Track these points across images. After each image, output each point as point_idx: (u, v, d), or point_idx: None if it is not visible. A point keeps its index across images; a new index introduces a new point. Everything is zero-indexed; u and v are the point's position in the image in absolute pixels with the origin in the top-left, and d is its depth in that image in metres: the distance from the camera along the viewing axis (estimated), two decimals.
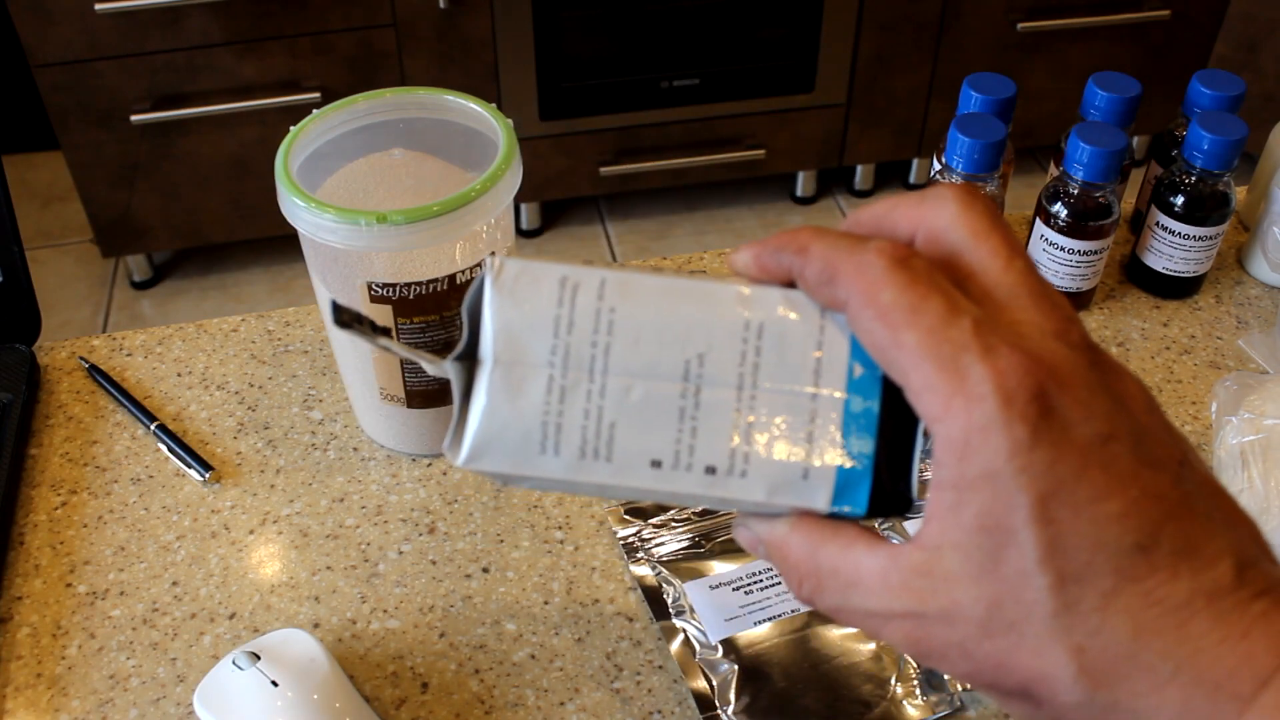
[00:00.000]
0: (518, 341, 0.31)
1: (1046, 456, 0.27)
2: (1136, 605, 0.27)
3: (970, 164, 0.69)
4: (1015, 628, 0.27)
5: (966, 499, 0.27)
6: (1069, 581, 0.27)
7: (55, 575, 0.60)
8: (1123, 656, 0.27)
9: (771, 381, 0.30)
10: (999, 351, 0.27)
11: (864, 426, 0.30)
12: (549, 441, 0.30)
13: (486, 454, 0.31)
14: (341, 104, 0.61)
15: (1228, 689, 0.26)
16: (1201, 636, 0.27)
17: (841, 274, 0.29)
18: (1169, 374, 0.73)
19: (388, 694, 0.55)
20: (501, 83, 1.84)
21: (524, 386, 0.30)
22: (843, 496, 0.31)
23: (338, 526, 0.63)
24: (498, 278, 0.31)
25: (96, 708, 0.54)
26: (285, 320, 0.76)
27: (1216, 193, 0.73)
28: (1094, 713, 0.28)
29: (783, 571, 0.32)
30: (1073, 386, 0.27)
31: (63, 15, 1.63)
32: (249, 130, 1.79)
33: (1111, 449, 0.27)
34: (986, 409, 0.27)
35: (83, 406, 0.70)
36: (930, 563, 0.28)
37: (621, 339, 0.31)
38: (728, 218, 2.16)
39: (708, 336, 0.31)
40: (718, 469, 0.30)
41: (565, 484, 0.31)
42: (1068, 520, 0.27)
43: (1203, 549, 0.27)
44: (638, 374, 0.30)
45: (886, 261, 0.29)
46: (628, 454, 0.30)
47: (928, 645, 0.29)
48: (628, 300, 0.31)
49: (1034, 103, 1.99)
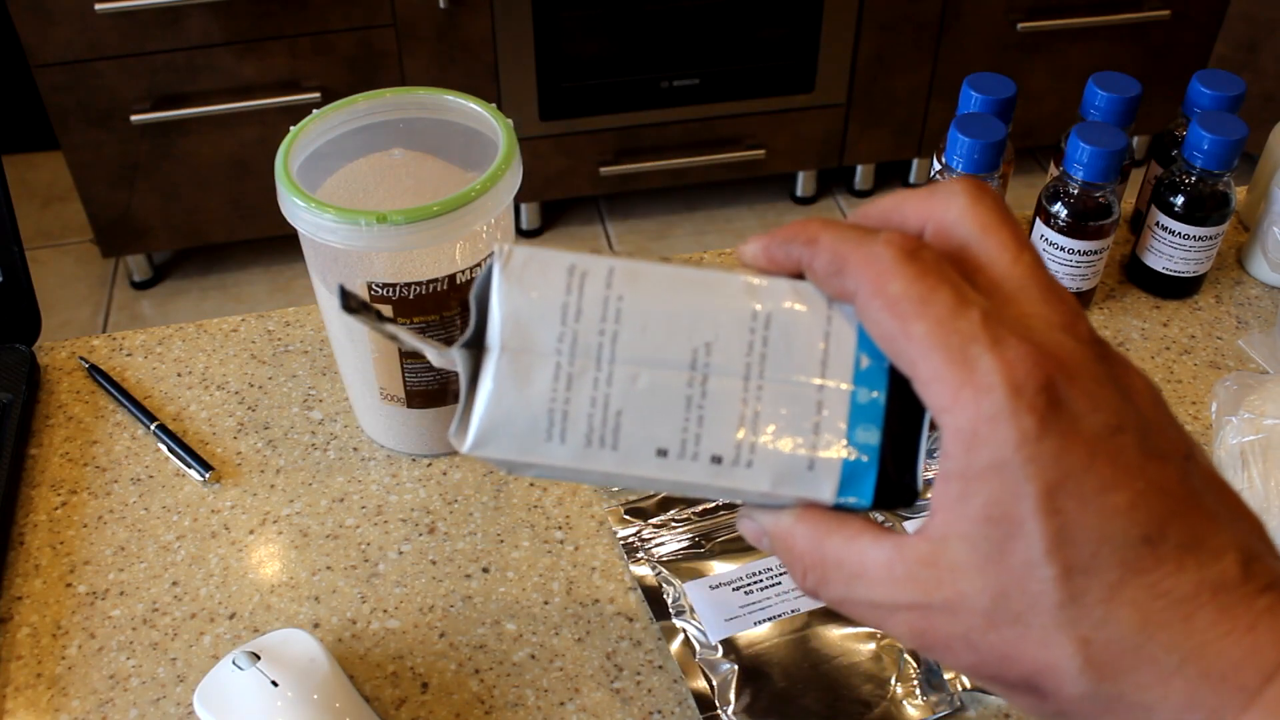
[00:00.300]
0: (525, 329, 0.30)
1: (1054, 447, 0.27)
2: (1142, 598, 0.27)
3: (970, 164, 0.69)
4: (1021, 619, 0.27)
5: (973, 489, 0.27)
6: (1075, 572, 0.27)
7: (55, 575, 0.60)
8: (1128, 648, 0.27)
9: (778, 372, 0.30)
10: (1008, 343, 0.27)
11: (870, 418, 0.30)
12: (555, 429, 0.30)
13: (492, 440, 0.31)
14: (341, 104, 0.61)
15: (1233, 682, 0.26)
16: (1207, 629, 0.26)
17: (850, 264, 0.29)
18: (1169, 374, 0.73)
19: (388, 694, 0.55)
20: (501, 83, 1.84)
21: (531, 373, 0.30)
22: (848, 488, 0.31)
23: (338, 526, 0.63)
24: (506, 265, 0.31)
25: (96, 708, 0.54)
26: (285, 320, 0.76)
27: (1216, 193, 0.73)
28: (1099, 705, 0.27)
29: (787, 563, 0.32)
30: (1080, 379, 0.27)
31: (63, 15, 1.63)
32: (249, 130, 1.79)
33: (1119, 441, 0.27)
34: (995, 399, 0.27)
35: (83, 406, 0.70)
36: (936, 554, 0.28)
37: (629, 327, 0.30)
38: (728, 218, 2.16)
39: (715, 326, 0.31)
40: (724, 458, 0.30)
41: (571, 472, 0.31)
42: (1074, 511, 0.27)
43: (1208, 543, 0.27)
44: (645, 362, 0.30)
45: (895, 252, 0.29)
46: (634, 442, 0.30)
47: (932, 637, 0.29)
48: (636, 289, 0.31)
49: (1034, 103, 1.99)
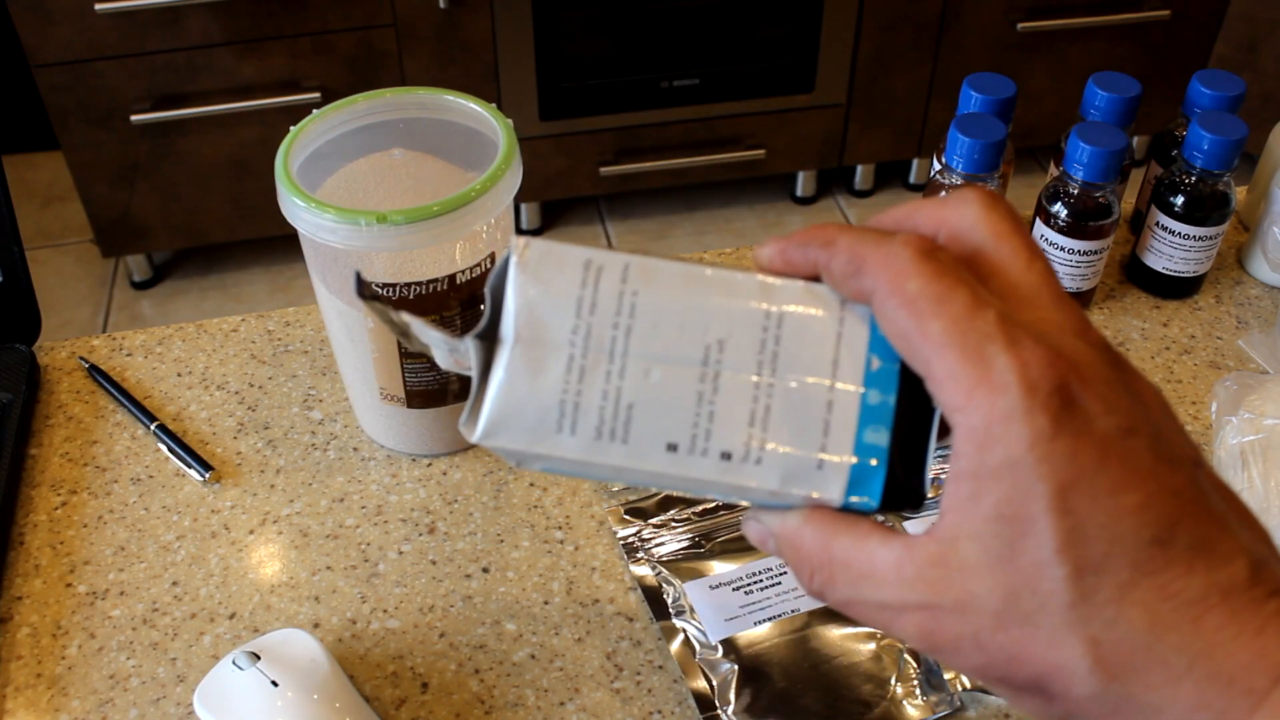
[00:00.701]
0: (539, 321, 0.31)
1: (1067, 447, 0.27)
2: (1152, 599, 0.27)
3: (970, 164, 0.69)
4: (1031, 619, 0.27)
5: (985, 488, 0.27)
6: (1086, 572, 0.27)
7: (55, 575, 0.60)
8: (1138, 648, 0.27)
9: (790, 371, 0.31)
10: (1023, 343, 0.27)
11: (880, 420, 0.30)
12: (566, 420, 0.30)
13: (503, 430, 0.31)
14: (341, 104, 0.61)
15: (1242, 684, 0.26)
16: (1216, 631, 0.27)
17: (868, 264, 0.30)
18: (1169, 374, 0.73)
19: (388, 694, 0.55)
20: (501, 83, 1.84)
21: (544, 365, 0.30)
22: (856, 488, 0.31)
23: (338, 526, 0.63)
24: (522, 257, 0.31)
25: (96, 708, 0.54)
26: (285, 320, 0.76)
27: (1216, 193, 0.73)
28: (1107, 706, 0.27)
29: (794, 564, 0.32)
30: (1094, 382, 0.28)
31: (63, 15, 1.63)
32: (249, 130, 1.79)
33: (1131, 443, 0.27)
34: (1010, 399, 0.27)
35: (83, 406, 0.70)
36: (946, 554, 0.28)
37: (642, 322, 0.31)
38: (728, 218, 2.16)
39: (728, 324, 0.31)
40: (733, 455, 0.30)
41: (580, 465, 0.31)
42: (1086, 511, 0.27)
43: (1218, 547, 0.27)
44: (657, 357, 0.30)
45: (913, 252, 0.29)
46: (644, 436, 0.30)
47: (941, 638, 0.29)
48: (650, 285, 0.31)
49: (1034, 103, 1.99)
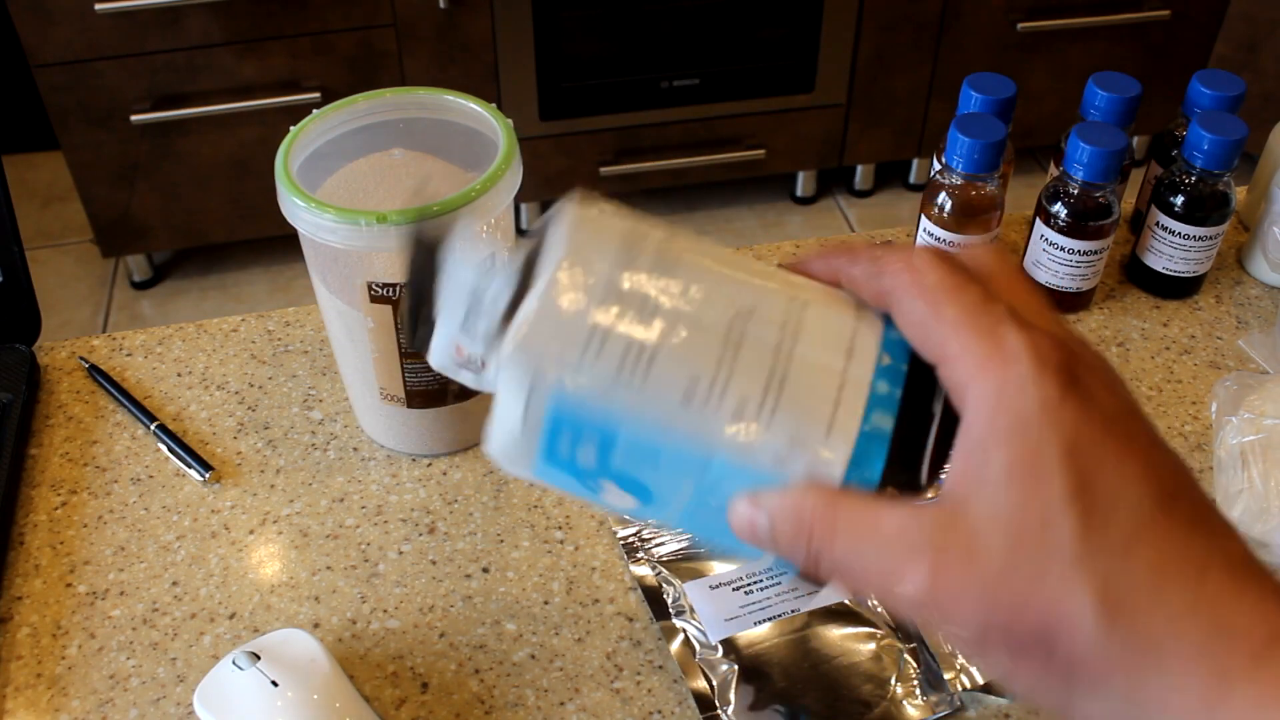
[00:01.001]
0: (584, 262, 0.32)
1: (1074, 414, 0.28)
2: (1157, 553, 0.28)
3: (970, 164, 0.69)
4: (1039, 563, 0.28)
5: (995, 451, 0.29)
6: (1095, 521, 0.28)
7: (55, 575, 0.60)
8: (1143, 590, 0.27)
9: (808, 349, 0.32)
10: (1033, 329, 0.30)
11: (887, 407, 0.32)
12: (593, 345, 0.32)
13: (533, 341, 0.32)
14: (341, 104, 0.61)
15: (1243, 637, 0.27)
16: (1219, 587, 0.27)
17: (889, 265, 0.32)
18: (1169, 374, 0.73)
19: (388, 694, 0.55)
20: (501, 83, 1.84)
21: (580, 299, 0.32)
22: (860, 462, 0.31)
23: (338, 526, 0.63)
24: (579, 204, 0.34)
25: (96, 708, 0.54)
26: (285, 320, 0.76)
27: (1216, 193, 0.73)
28: (1110, 654, 0.27)
29: (789, 537, 0.31)
30: (1096, 371, 0.30)
31: (63, 15, 1.63)
32: (249, 130, 1.79)
33: (1130, 423, 0.29)
34: (1021, 368, 0.29)
35: (83, 406, 0.70)
36: (954, 516, 0.29)
37: (676, 285, 0.32)
38: (728, 218, 2.16)
39: (755, 301, 0.33)
40: (746, 409, 0.31)
41: (590, 409, 0.32)
42: (1094, 470, 0.28)
43: (1214, 524, 0.29)
44: (685, 320, 0.32)
45: (931, 255, 0.32)
46: (662, 381, 0.32)
47: (943, 589, 0.29)
48: (688, 254, 0.33)
49: (1034, 103, 1.99)
